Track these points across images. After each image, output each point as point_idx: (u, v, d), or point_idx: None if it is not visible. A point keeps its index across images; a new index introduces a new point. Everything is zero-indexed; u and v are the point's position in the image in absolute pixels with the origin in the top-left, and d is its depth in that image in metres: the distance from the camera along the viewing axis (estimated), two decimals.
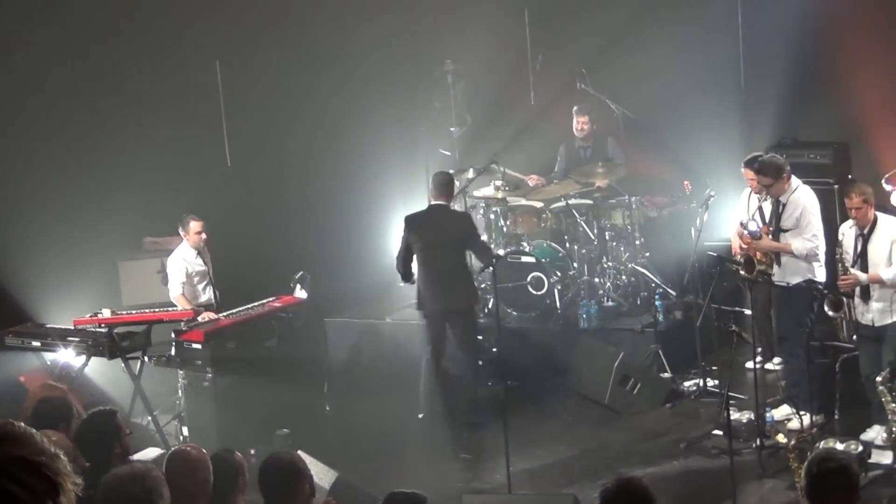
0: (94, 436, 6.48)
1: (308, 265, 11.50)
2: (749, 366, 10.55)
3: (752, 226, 9.84)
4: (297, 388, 10.36)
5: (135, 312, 10.66)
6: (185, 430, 10.09)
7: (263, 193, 13.14)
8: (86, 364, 9.92)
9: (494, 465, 9.61)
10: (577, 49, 13.12)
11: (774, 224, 9.83)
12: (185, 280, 10.87)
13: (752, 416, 9.53)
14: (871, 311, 9.20)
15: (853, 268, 9.21)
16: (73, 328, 10.09)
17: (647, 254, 12.23)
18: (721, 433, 9.51)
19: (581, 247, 12.27)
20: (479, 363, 11.07)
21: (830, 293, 9.44)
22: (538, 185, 12.71)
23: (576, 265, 12.21)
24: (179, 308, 10.68)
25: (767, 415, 9.79)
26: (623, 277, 12.21)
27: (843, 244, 9.33)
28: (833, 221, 10.18)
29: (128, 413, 9.44)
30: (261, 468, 5.99)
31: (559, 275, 11.98)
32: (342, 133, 13.56)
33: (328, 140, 13.54)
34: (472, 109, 13.62)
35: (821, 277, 9.76)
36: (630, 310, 12.01)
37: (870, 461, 8.79)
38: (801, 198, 9.79)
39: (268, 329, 10.59)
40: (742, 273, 9.95)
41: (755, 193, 10.07)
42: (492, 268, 10.12)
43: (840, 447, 8.22)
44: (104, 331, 9.94)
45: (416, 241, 10.57)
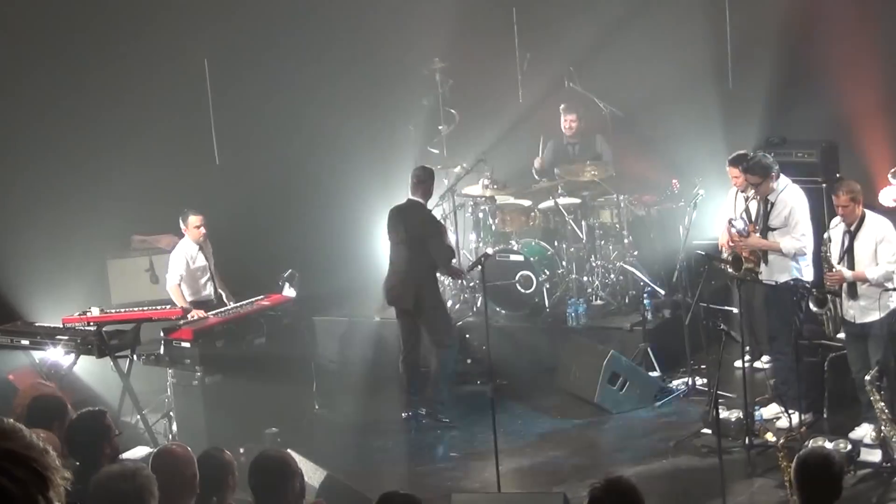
0: (84, 436, 6.46)
1: (296, 263, 11.50)
2: (738, 364, 10.57)
3: (740, 224, 9.86)
4: (286, 387, 10.38)
5: (124, 311, 10.61)
6: (175, 429, 10.08)
7: (252, 191, 13.11)
8: (74, 362, 9.87)
9: (484, 464, 9.61)
10: (565, 47, 13.11)
11: (762, 223, 9.85)
12: (186, 274, 10.88)
13: (741, 415, 9.54)
14: (854, 308, 9.23)
15: (839, 264, 9.23)
16: (62, 326, 10.03)
17: (636, 252, 12.23)
18: (710, 432, 9.53)
19: (569, 245, 12.28)
20: (468, 361, 11.08)
21: (817, 291, 9.46)
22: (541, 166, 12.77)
23: (564, 264, 12.21)
24: (173, 298, 10.73)
25: (756, 413, 9.82)
26: (611, 276, 12.21)
27: (831, 241, 9.35)
28: (821, 220, 10.19)
29: (117, 412, 9.39)
30: (251, 466, 5.98)
31: (548, 273, 11.99)
32: (330, 131, 13.55)
33: (316, 138, 13.52)
34: (460, 107, 13.61)
35: (808, 276, 9.78)
36: (619, 308, 12.03)
37: (858, 460, 8.83)
38: (790, 197, 9.80)
39: (256, 327, 10.58)
40: (730, 271, 9.97)
41: (740, 192, 10.10)
42: (446, 272, 10.31)
43: (829, 446, 8.22)
44: (93, 329, 9.88)
45: (389, 235, 10.74)
